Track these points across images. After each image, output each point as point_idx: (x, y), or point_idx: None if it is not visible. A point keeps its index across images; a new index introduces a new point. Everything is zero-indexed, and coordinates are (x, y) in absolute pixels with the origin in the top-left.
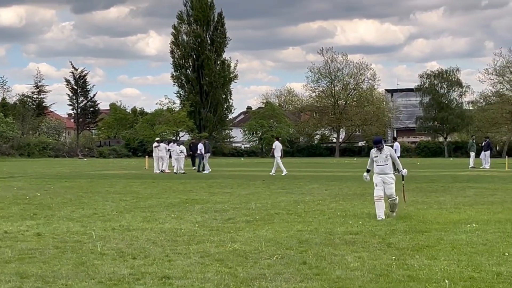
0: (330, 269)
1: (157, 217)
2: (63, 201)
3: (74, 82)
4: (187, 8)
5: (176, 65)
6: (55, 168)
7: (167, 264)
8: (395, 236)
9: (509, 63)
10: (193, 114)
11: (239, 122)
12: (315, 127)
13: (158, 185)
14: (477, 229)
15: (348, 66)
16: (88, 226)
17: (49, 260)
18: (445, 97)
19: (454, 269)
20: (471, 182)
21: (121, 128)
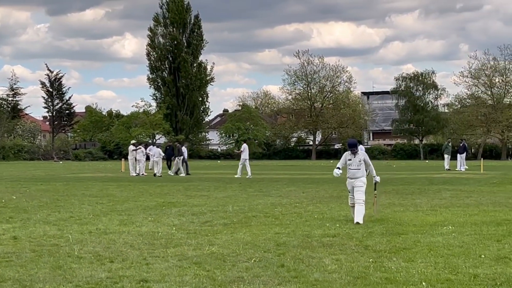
0: (308, 272)
1: (134, 220)
2: (39, 204)
3: (49, 85)
4: (163, 10)
5: (152, 68)
6: (31, 171)
7: (144, 268)
8: (372, 239)
9: (484, 66)
10: (169, 117)
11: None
12: (292, 129)
13: (135, 188)
14: (453, 231)
15: (325, 69)
16: (65, 230)
17: (26, 263)
18: (421, 100)
19: (431, 271)
20: (447, 185)
21: (96, 131)
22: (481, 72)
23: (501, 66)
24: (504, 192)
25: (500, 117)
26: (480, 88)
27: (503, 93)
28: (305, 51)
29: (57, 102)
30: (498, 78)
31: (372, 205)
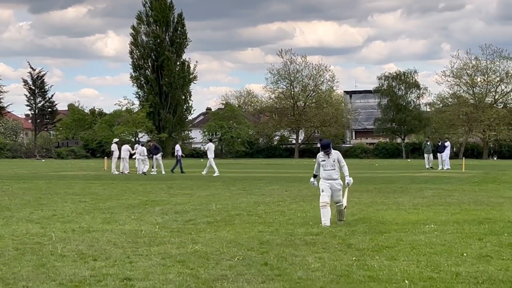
0: (291, 270)
1: (117, 219)
2: (21, 202)
3: (31, 83)
4: (146, 8)
5: (135, 66)
6: (13, 169)
7: (128, 266)
8: (355, 237)
9: (466, 66)
10: (152, 115)
11: (198, 123)
12: (275, 128)
13: (117, 186)
14: (435, 229)
15: (307, 68)
16: (48, 228)
17: (9, 262)
18: (403, 99)
19: (413, 269)
20: (429, 183)
21: (79, 129)
22: (463, 71)
23: (483, 65)
24: (485, 191)
25: (481, 116)
26: (462, 87)
27: (484, 93)
28: (288, 50)
29: (40, 100)
30: (480, 77)
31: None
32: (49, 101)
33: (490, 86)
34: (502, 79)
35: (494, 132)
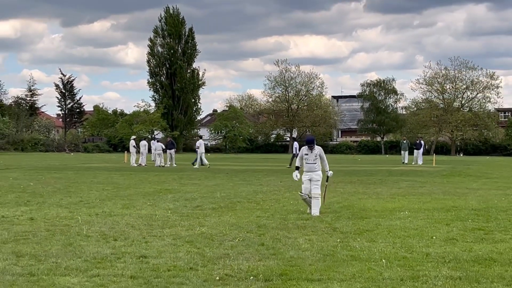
0: (284, 250)
1: (135, 204)
2: (53, 190)
3: (62, 87)
4: (162, 23)
5: (151, 73)
6: (46, 161)
7: (144, 245)
8: (339, 222)
9: (437, 75)
10: (166, 116)
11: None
12: (272, 127)
13: (136, 176)
14: (409, 216)
15: (300, 76)
16: (75, 212)
17: (41, 241)
18: (383, 103)
19: (390, 250)
20: (404, 176)
21: (103, 127)
22: (434, 80)
23: (451, 75)
24: (452, 183)
25: (450, 118)
26: (433, 93)
27: (453, 98)
28: (283, 60)
29: (69, 101)
30: (449, 85)
31: (322, 193)
32: (77, 102)
33: (458, 92)
34: (468, 87)
35: (461, 132)
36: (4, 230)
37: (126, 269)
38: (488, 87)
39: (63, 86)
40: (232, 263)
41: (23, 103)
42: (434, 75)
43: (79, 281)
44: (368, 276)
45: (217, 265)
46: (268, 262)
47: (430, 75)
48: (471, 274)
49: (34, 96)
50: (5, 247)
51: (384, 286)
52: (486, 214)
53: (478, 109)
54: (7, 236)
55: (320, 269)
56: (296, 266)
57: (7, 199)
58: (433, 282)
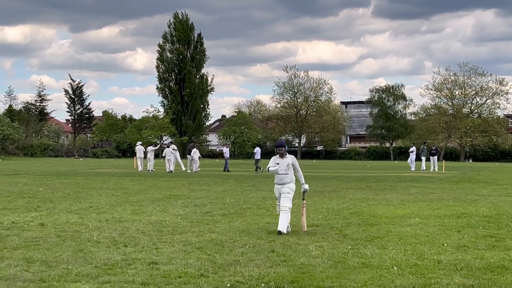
0: (295, 257)
1: (145, 210)
2: (62, 195)
3: (72, 92)
4: (171, 29)
5: (161, 78)
6: (55, 167)
7: (154, 251)
8: (350, 228)
9: (446, 80)
10: (175, 121)
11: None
12: (280, 133)
13: (145, 182)
14: (420, 222)
15: (309, 81)
16: (85, 218)
17: (51, 247)
18: (391, 109)
19: (401, 257)
20: (414, 182)
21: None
22: (443, 85)
23: (461, 80)
24: (462, 189)
25: (459, 124)
26: (442, 99)
27: (462, 104)
28: (292, 66)
29: (78, 107)
30: (458, 91)
31: (301, 216)
32: (86, 108)
33: (467, 98)
34: (477, 93)
35: (470, 138)
36: (15, 236)
37: (137, 276)
38: (498, 93)
39: (73, 91)
40: (243, 270)
41: (33, 109)
42: (443, 81)
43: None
44: (379, 284)
45: (228, 272)
46: (279, 269)
47: (439, 81)
48: (484, 282)
49: (44, 101)
50: (15, 253)
51: None
52: (497, 221)
53: (488, 115)
54: (18, 242)
55: (332, 276)
56: (307, 273)
57: (17, 204)
58: None
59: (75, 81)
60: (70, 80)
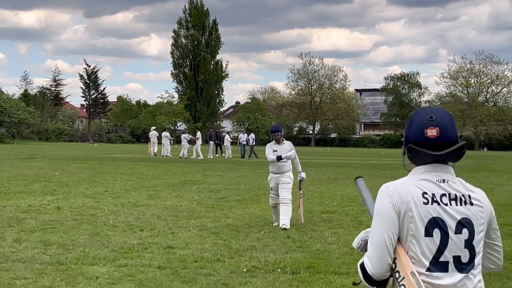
0: (310, 243)
1: (160, 195)
2: (78, 179)
3: (87, 77)
4: (186, 15)
5: (175, 64)
6: (70, 151)
7: (170, 236)
8: (365, 215)
9: (462, 69)
10: (189, 107)
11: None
12: (294, 120)
13: (159, 167)
14: None
15: (324, 69)
16: (101, 202)
17: (68, 230)
18: (406, 97)
19: None
20: None
21: (126, 118)
22: (459, 74)
23: (476, 69)
24: (477, 178)
25: (474, 113)
26: (458, 87)
27: (477, 93)
28: (307, 53)
29: (93, 92)
30: (474, 79)
31: (297, 208)
32: (101, 93)
33: (482, 87)
34: (493, 81)
35: (485, 127)
36: (32, 219)
37: (153, 260)
38: None
39: (88, 76)
40: (259, 255)
41: (48, 93)
42: (459, 69)
43: (107, 271)
44: None
45: (244, 257)
46: (295, 255)
47: (455, 69)
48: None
49: (59, 86)
50: (33, 235)
51: None
52: None
53: (503, 104)
54: (35, 224)
55: (348, 263)
56: (323, 259)
57: (33, 188)
58: None
59: (90, 66)
60: (85, 65)
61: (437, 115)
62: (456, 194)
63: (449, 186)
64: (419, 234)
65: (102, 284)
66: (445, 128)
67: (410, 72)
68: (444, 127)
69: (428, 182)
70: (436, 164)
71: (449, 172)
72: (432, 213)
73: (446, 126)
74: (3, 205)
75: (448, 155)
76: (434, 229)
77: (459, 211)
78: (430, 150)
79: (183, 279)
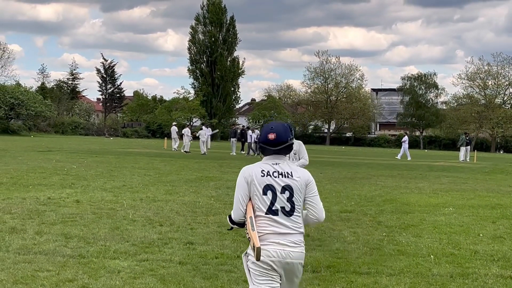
0: (330, 242)
1: (178, 191)
2: (96, 173)
3: (103, 71)
4: (204, 11)
5: (192, 60)
6: (86, 145)
7: (190, 232)
8: (383, 216)
9: (479, 70)
10: (205, 103)
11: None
12: (310, 118)
13: (176, 163)
14: (454, 212)
15: (340, 67)
16: (119, 196)
17: (88, 223)
18: (423, 97)
19: (436, 246)
20: (445, 172)
21: (142, 113)
22: (476, 75)
23: (494, 71)
24: (495, 180)
25: (491, 115)
26: (475, 89)
27: (495, 94)
28: (324, 51)
29: (110, 86)
30: (491, 81)
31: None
32: (117, 88)
33: (500, 89)
34: (511, 83)
35: (502, 129)
36: (52, 212)
37: (174, 255)
38: None
39: (105, 71)
40: None
41: (65, 87)
42: (476, 70)
43: (129, 265)
44: (417, 272)
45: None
46: (314, 254)
47: (472, 70)
48: None
49: (76, 80)
50: (54, 228)
51: (434, 282)
52: None
53: None
54: (55, 217)
55: (368, 263)
56: (343, 258)
57: (52, 181)
58: (483, 280)
59: (107, 61)
60: (102, 59)
61: (275, 126)
62: (283, 172)
63: (279, 167)
64: (260, 194)
65: (124, 278)
66: (280, 134)
67: (427, 73)
68: (279, 133)
69: (266, 165)
70: (274, 155)
71: (282, 159)
72: (266, 182)
73: (280, 132)
74: (22, 197)
75: (281, 150)
76: (268, 191)
77: (284, 181)
78: (271, 147)
79: (204, 275)
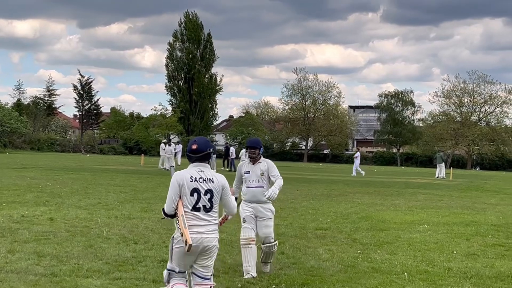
0: (304, 259)
1: (153, 208)
2: (71, 190)
3: (80, 88)
4: (181, 28)
5: (170, 77)
6: (62, 162)
7: (164, 249)
8: (359, 233)
9: (455, 88)
10: (182, 120)
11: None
12: (287, 135)
13: (153, 180)
14: (428, 229)
15: (318, 84)
16: (94, 214)
17: (61, 242)
18: (400, 115)
19: (411, 263)
20: (421, 189)
21: (119, 129)
22: (452, 93)
23: (470, 88)
24: (470, 198)
25: (467, 132)
26: (451, 106)
27: (470, 112)
28: (301, 69)
29: (87, 103)
30: (467, 98)
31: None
32: (94, 104)
33: (476, 106)
34: (486, 101)
35: (477, 147)
36: (25, 230)
37: (148, 273)
38: (506, 102)
39: (81, 87)
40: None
41: (41, 103)
42: (452, 88)
43: (101, 284)
44: None
45: (238, 272)
46: (289, 271)
47: (448, 88)
48: None
49: (52, 96)
50: (26, 246)
51: None
52: (506, 230)
53: (496, 124)
54: (28, 235)
55: (342, 280)
56: (317, 276)
57: (26, 198)
58: None
59: (84, 77)
60: (79, 75)
61: (198, 139)
62: (206, 178)
63: (204, 174)
64: (188, 195)
65: None
66: (200, 145)
67: (404, 90)
68: (200, 145)
69: (193, 171)
70: (198, 162)
71: (204, 166)
72: (194, 186)
73: (201, 144)
74: None
75: (201, 157)
76: (194, 193)
77: (207, 185)
78: (193, 155)
79: None
